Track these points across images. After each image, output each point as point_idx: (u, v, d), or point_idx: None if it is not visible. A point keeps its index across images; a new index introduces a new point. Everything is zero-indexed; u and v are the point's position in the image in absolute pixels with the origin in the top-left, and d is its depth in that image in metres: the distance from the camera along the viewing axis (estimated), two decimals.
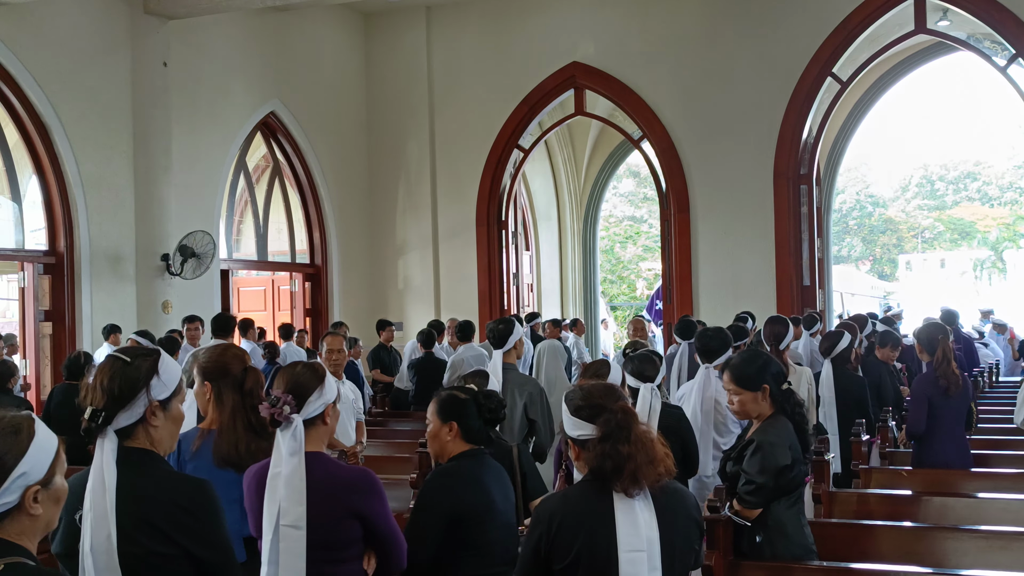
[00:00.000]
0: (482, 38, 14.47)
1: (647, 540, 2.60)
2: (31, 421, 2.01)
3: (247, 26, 12.97)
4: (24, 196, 10.82)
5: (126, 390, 2.47)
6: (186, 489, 2.47)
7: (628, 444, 2.63)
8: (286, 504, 2.82)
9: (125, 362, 2.51)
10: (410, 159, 14.88)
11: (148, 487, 2.44)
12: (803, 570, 3.83)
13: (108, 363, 2.52)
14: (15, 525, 1.96)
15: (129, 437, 2.49)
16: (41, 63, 10.43)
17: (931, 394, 5.96)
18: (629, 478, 2.61)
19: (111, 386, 2.47)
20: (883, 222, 50.50)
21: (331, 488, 2.92)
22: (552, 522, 2.68)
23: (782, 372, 3.90)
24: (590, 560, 2.63)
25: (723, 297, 13.13)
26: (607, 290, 32.77)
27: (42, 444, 1.99)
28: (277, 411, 2.87)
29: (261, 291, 14.28)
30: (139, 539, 2.39)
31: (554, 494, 2.87)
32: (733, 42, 13.19)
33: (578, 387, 2.87)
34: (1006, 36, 11.99)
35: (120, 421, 2.47)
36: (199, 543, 2.42)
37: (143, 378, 2.50)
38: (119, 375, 2.48)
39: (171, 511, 2.41)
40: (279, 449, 2.88)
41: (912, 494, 5.22)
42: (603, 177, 19.92)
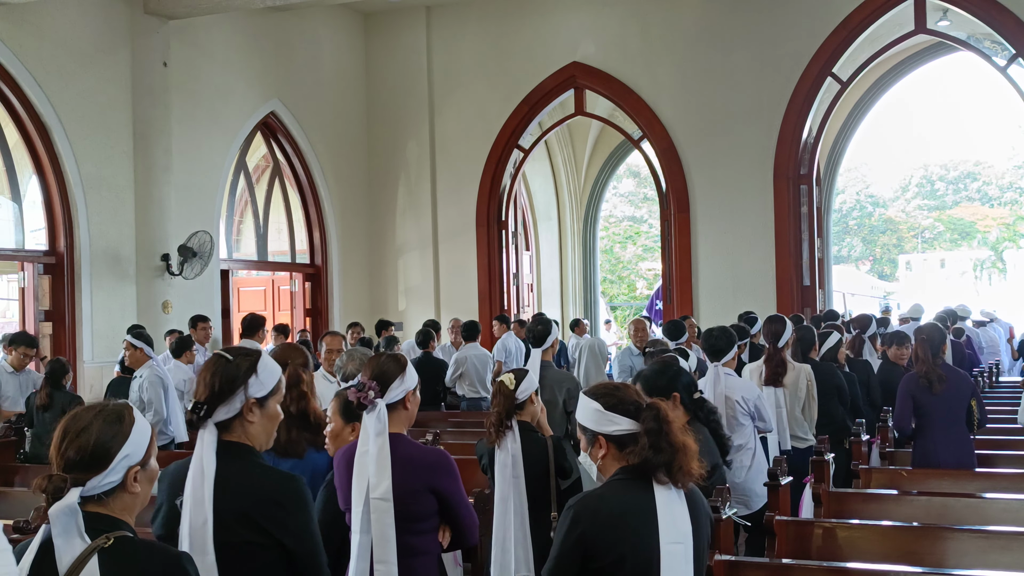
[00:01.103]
0: (482, 38, 14.47)
1: (683, 534, 2.63)
2: (130, 409, 2.25)
3: (247, 26, 12.97)
4: (24, 196, 10.82)
5: (225, 386, 2.65)
6: (278, 483, 2.63)
7: (673, 436, 2.66)
8: (375, 479, 3.08)
9: (227, 360, 2.69)
10: (410, 159, 14.88)
11: (243, 480, 2.60)
12: (803, 570, 3.84)
13: (212, 360, 2.71)
14: (119, 502, 2.20)
15: (227, 431, 2.66)
16: (41, 63, 10.43)
17: (914, 392, 5.97)
18: (678, 470, 2.64)
19: (212, 381, 2.65)
20: (883, 222, 50.50)
21: (411, 466, 3.18)
22: (595, 520, 2.64)
23: (693, 383, 3.92)
24: (635, 557, 2.62)
25: (723, 297, 13.13)
26: (607, 290, 32.78)
27: (140, 429, 2.23)
28: (363, 396, 3.14)
29: (261, 291, 14.28)
30: (234, 528, 2.55)
31: (590, 492, 2.80)
32: (733, 42, 13.19)
33: (601, 385, 2.86)
34: (1006, 36, 11.99)
35: (219, 415, 2.64)
36: (289, 534, 2.59)
37: (242, 376, 2.66)
38: (220, 372, 2.66)
39: (263, 504, 2.58)
40: (366, 430, 3.14)
41: (912, 494, 5.21)
42: (603, 177, 19.92)
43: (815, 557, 4.32)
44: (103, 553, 2.08)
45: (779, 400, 6.16)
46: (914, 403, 5.97)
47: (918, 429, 6.02)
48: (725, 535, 3.93)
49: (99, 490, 2.16)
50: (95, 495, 2.16)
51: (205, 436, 2.62)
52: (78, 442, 2.16)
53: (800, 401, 6.28)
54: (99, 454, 2.16)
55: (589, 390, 2.86)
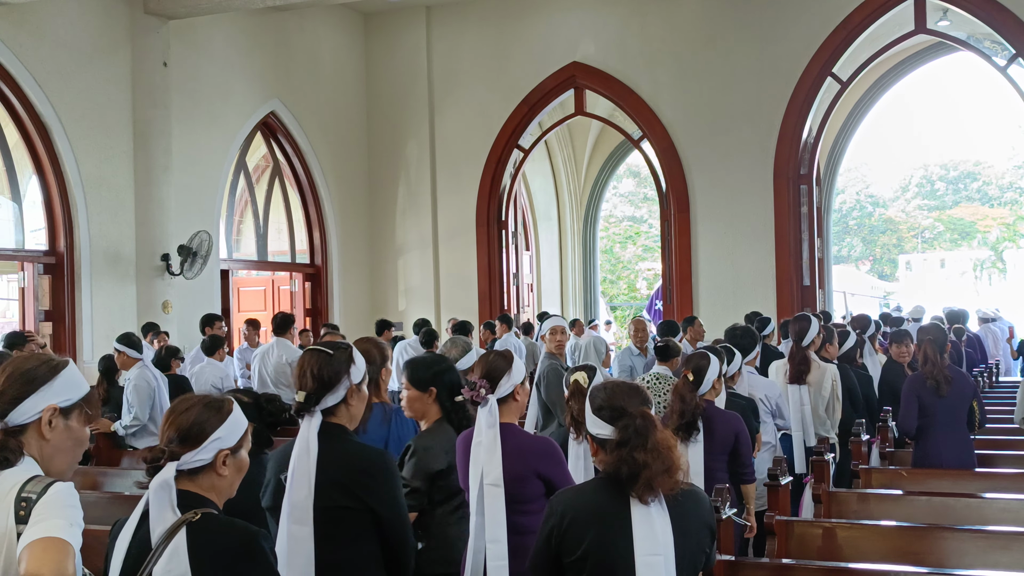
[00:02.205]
0: (482, 38, 14.47)
1: (663, 545, 2.61)
2: (232, 402, 2.51)
3: (247, 26, 12.97)
4: (24, 196, 10.82)
5: (333, 377, 3.01)
6: (369, 457, 3.03)
7: (645, 452, 2.63)
8: (487, 467, 3.37)
9: (329, 354, 3.04)
10: (410, 159, 14.88)
11: (340, 455, 2.97)
12: (803, 570, 3.83)
13: (315, 356, 3.03)
14: (206, 480, 2.42)
15: (332, 415, 3.02)
16: (41, 63, 10.43)
17: (920, 393, 5.96)
18: (644, 485, 2.61)
19: (320, 374, 2.99)
20: (883, 222, 50.48)
21: (521, 454, 3.48)
22: (564, 516, 2.70)
23: (458, 384, 3.80)
24: (598, 558, 2.65)
25: (723, 297, 13.13)
26: (607, 290, 32.78)
27: (236, 420, 2.47)
28: (475, 394, 3.46)
29: (261, 291, 14.28)
30: (331, 495, 2.93)
31: (570, 488, 2.88)
32: (733, 42, 13.19)
33: (602, 385, 2.86)
34: (1006, 36, 11.99)
35: (327, 402, 3.00)
36: (377, 501, 2.96)
37: (344, 367, 3.03)
38: (327, 365, 3.01)
39: (356, 474, 2.97)
40: (479, 423, 3.43)
41: (912, 494, 5.21)
42: (603, 177, 19.92)
43: (815, 557, 4.32)
44: (191, 526, 2.29)
45: (803, 398, 6.17)
46: (919, 404, 5.96)
47: (920, 430, 6.01)
48: (725, 535, 3.93)
49: (190, 465, 2.38)
50: (187, 471, 2.38)
51: (312, 421, 2.96)
52: (179, 420, 2.41)
53: (824, 400, 6.29)
54: (194, 432, 2.39)
55: (592, 389, 2.87)
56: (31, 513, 2.04)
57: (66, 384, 2.29)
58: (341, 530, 2.97)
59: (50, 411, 2.24)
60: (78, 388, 2.32)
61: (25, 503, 2.06)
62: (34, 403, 2.23)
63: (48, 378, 2.26)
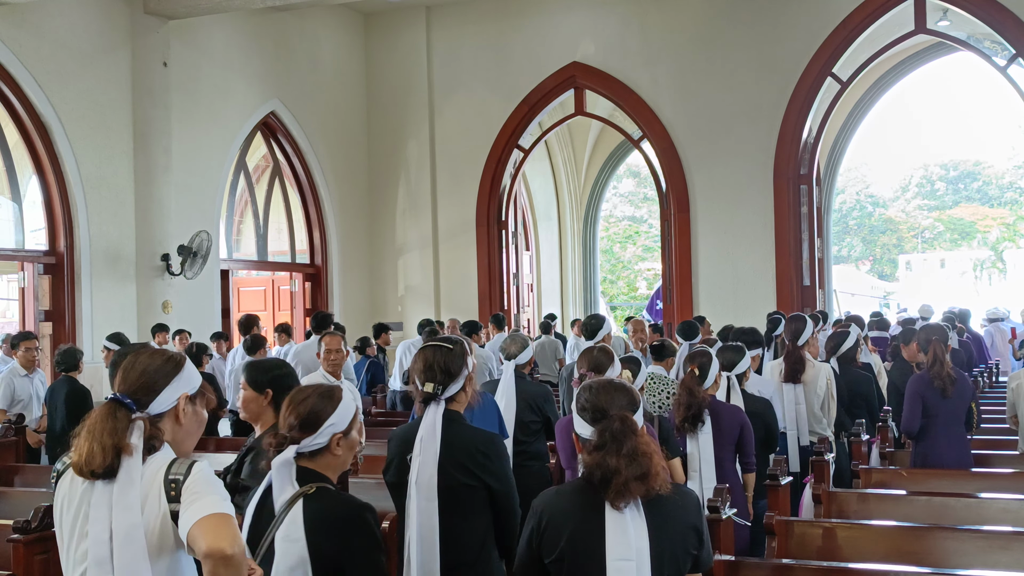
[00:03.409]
0: (482, 38, 14.47)
1: (636, 550, 2.59)
2: (341, 390, 2.85)
3: (247, 26, 12.98)
4: (24, 196, 10.82)
5: (456, 368, 3.40)
6: (484, 439, 3.40)
7: (618, 457, 2.60)
8: None
9: (451, 349, 3.43)
10: (410, 159, 14.89)
11: (461, 438, 3.34)
12: (803, 570, 3.83)
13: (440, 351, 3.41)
14: (323, 459, 2.77)
15: (453, 402, 3.40)
16: (41, 63, 10.43)
17: (925, 393, 5.95)
18: (615, 491, 2.59)
19: (448, 367, 3.38)
20: (883, 222, 50.48)
21: None
22: (542, 517, 2.71)
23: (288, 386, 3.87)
24: (572, 560, 2.65)
25: (723, 297, 13.14)
26: (607, 290, 32.79)
27: (347, 406, 2.81)
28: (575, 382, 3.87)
29: (261, 291, 14.29)
30: (452, 474, 3.29)
31: (552, 488, 2.88)
32: (733, 42, 13.19)
33: (588, 385, 2.84)
34: (1006, 36, 11.99)
35: (450, 391, 3.38)
36: (493, 478, 3.32)
37: (463, 359, 3.42)
38: (452, 358, 3.40)
39: (474, 454, 3.32)
40: None
41: (912, 494, 5.21)
42: (603, 177, 19.93)
43: (815, 557, 4.32)
44: (307, 499, 2.67)
45: (797, 396, 6.19)
46: (922, 404, 5.95)
47: (921, 430, 6.00)
48: (725, 535, 3.93)
49: (309, 448, 2.74)
50: (306, 453, 2.74)
51: (438, 409, 3.33)
52: (297, 410, 2.77)
53: (820, 399, 6.31)
54: (311, 420, 2.75)
55: (581, 386, 2.87)
56: (181, 492, 2.28)
57: (190, 375, 2.53)
58: (461, 504, 3.31)
59: (183, 399, 2.50)
60: (197, 377, 2.57)
61: (174, 484, 2.30)
62: (170, 393, 2.47)
63: (178, 370, 2.49)
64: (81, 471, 2.33)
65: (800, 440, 6.14)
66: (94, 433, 2.34)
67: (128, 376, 2.45)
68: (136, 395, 2.42)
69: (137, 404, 2.40)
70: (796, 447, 6.14)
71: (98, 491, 2.32)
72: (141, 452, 2.35)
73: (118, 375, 2.48)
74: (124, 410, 2.38)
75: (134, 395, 2.42)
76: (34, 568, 3.99)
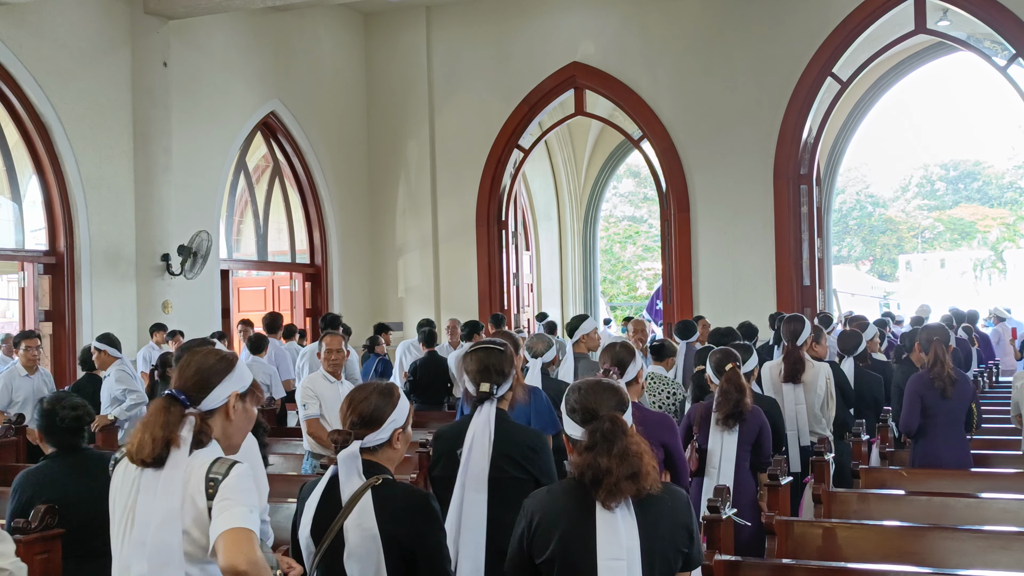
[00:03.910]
0: (482, 38, 14.47)
1: (627, 549, 2.60)
2: (398, 389, 3.01)
3: (247, 26, 12.98)
4: (24, 196, 10.82)
5: (508, 369, 3.66)
6: (533, 435, 3.65)
7: (609, 457, 2.61)
8: None
9: (502, 351, 3.68)
10: (410, 159, 14.88)
11: (510, 433, 3.58)
12: (803, 570, 3.84)
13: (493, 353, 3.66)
14: (385, 454, 2.94)
15: (502, 400, 3.65)
16: (41, 63, 10.43)
17: (924, 393, 5.95)
18: (606, 491, 2.60)
19: (502, 368, 3.64)
20: (883, 222, 50.48)
21: (646, 426, 3.97)
22: (533, 517, 2.72)
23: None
24: (563, 560, 2.66)
25: (723, 297, 13.13)
26: (607, 290, 32.79)
27: (404, 403, 2.98)
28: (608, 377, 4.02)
29: (261, 291, 14.28)
30: (503, 467, 3.51)
31: (543, 488, 2.89)
32: (733, 42, 13.19)
33: (577, 385, 2.84)
34: (1006, 36, 11.99)
35: (502, 390, 3.64)
36: (539, 471, 3.55)
37: (512, 360, 3.69)
38: (504, 359, 3.66)
39: (524, 449, 3.56)
40: None
41: (912, 494, 5.21)
42: (603, 177, 19.92)
43: (815, 557, 4.32)
44: (374, 489, 2.83)
45: (797, 397, 6.20)
46: (921, 404, 5.95)
47: (920, 430, 6.01)
48: (725, 535, 3.93)
49: (372, 443, 2.91)
50: (369, 447, 2.91)
51: (491, 406, 3.56)
52: (360, 408, 2.92)
53: (819, 399, 6.32)
54: (374, 417, 2.92)
55: (569, 388, 2.88)
56: (217, 492, 2.45)
57: (241, 373, 2.68)
58: (508, 496, 3.45)
59: (234, 396, 2.65)
60: (248, 376, 2.71)
61: (213, 483, 2.47)
62: (222, 391, 2.63)
63: (230, 369, 2.64)
64: (133, 459, 2.53)
65: (800, 441, 6.15)
66: (148, 425, 2.53)
67: (184, 373, 2.62)
68: (190, 392, 2.59)
69: (190, 400, 2.58)
70: (796, 447, 6.15)
71: (146, 478, 2.51)
72: (189, 445, 2.52)
73: (175, 372, 2.66)
74: (178, 405, 2.56)
75: (188, 391, 2.59)
76: (34, 568, 3.99)
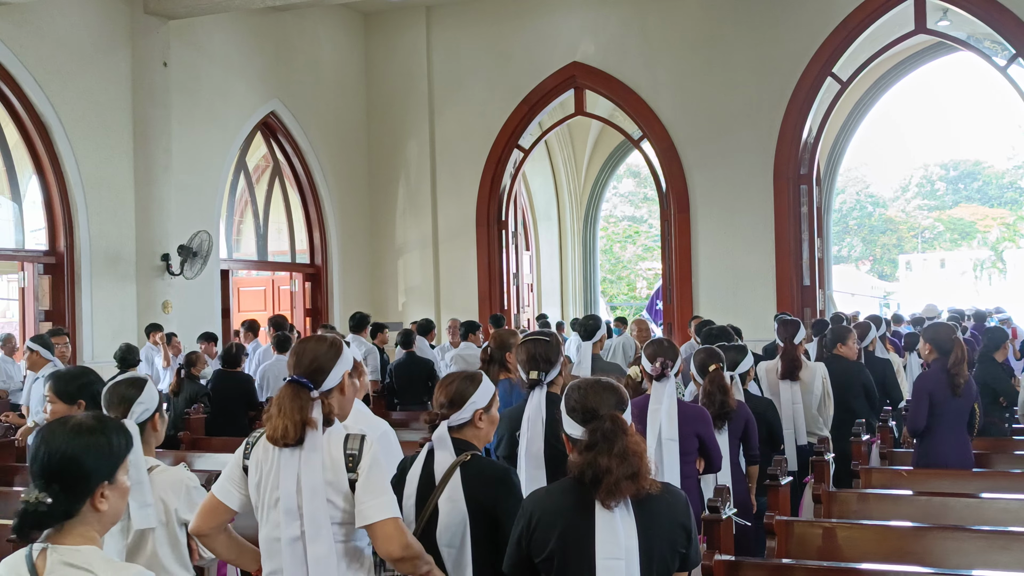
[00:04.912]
0: (482, 38, 14.47)
1: (625, 549, 2.61)
2: (483, 376, 3.34)
3: (247, 26, 12.98)
4: (24, 196, 10.82)
5: (555, 357, 4.00)
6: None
7: (609, 457, 2.62)
8: (666, 426, 4.37)
9: (548, 341, 4.04)
10: (410, 159, 14.89)
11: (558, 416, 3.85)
12: (803, 570, 3.83)
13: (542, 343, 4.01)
14: (469, 431, 3.26)
15: (552, 385, 3.97)
16: (41, 63, 10.43)
17: (933, 391, 5.92)
18: (605, 490, 2.61)
19: (549, 357, 3.98)
20: (883, 222, 50.50)
21: (684, 417, 4.44)
22: (532, 516, 2.73)
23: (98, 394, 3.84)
24: (562, 559, 2.67)
25: (723, 297, 13.13)
26: (607, 290, 32.80)
27: (487, 387, 3.30)
28: (658, 370, 4.43)
29: (261, 291, 14.28)
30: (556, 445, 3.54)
31: (542, 488, 2.92)
32: (733, 42, 13.19)
33: (577, 385, 2.84)
34: (1006, 36, 11.99)
35: (550, 376, 3.97)
36: None
37: (559, 348, 4.03)
38: (551, 349, 4.01)
39: None
40: (658, 392, 4.45)
41: (912, 494, 5.21)
42: (603, 177, 19.93)
43: (815, 557, 4.32)
44: (463, 465, 3.14)
45: (794, 396, 6.21)
46: (929, 402, 5.93)
47: (927, 429, 5.99)
48: (725, 535, 3.93)
49: (457, 422, 3.22)
50: (455, 426, 3.22)
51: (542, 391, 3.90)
52: (447, 391, 3.26)
53: (816, 399, 6.33)
54: (458, 399, 3.24)
55: (569, 387, 2.87)
56: (357, 467, 2.84)
57: (348, 355, 3.03)
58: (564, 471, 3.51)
59: (346, 375, 3.02)
60: (351, 357, 3.05)
61: (352, 458, 2.85)
62: (337, 372, 2.98)
63: (340, 353, 2.99)
64: (276, 442, 2.85)
65: (797, 440, 6.15)
66: (284, 411, 2.85)
67: (301, 361, 2.95)
68: (310, 376, 2.91)
69: (312, 383, 2.90)
70: (793, 446, 6.16)
71: (286, 456, 2.86)
72: (322, 425, 2.88)
73: (291, 360, 2.98)
74: (304, 389, 2.88)
75: (309, 376, 2.91)
76: None
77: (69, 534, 2.12)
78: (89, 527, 2.14)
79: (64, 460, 2.11)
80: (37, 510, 2.06)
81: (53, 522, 2.09)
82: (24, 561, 2.11)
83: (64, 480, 2.10)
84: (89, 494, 2.12)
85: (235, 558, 3.10)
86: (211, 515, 2.99)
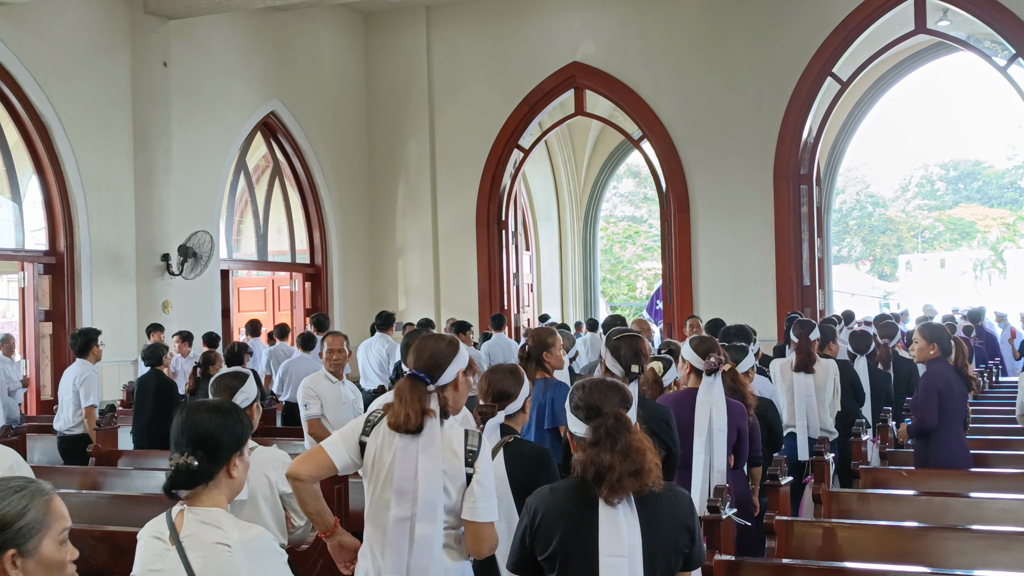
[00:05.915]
0: (482, 38, 14.47)
1: (628, 547, 2.61)
2: (520, 368, 3.79)
3: (247, 26, 12.98)
4: (24, 196, 10.82)
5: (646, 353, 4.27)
6: (664, 411, 4.27)
7: (612, 454, 2.62)
8: (716, 418, 4.56)
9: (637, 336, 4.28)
10: (410, 159, 14.88)
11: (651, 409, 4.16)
12: (803, 570, 3.83)
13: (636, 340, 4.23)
14: (517, 419, 3.67)
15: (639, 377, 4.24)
16: (41, 63, 10.43)
17: (942, 389, 5.91)
18: (608, 487, 2.61)
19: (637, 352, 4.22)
20: (883, 222, 50.48)
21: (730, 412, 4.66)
22: (536, 514, 2.73)
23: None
24: (565, 556, 2.67)
25: (723, 297, 13.14)
26: (607, 290, 32.79)
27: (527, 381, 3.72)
28: (716, 365, 4.63)
29: (261, 291, 14.28)
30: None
31: (546, 486, 2.89)
32: (733, 42, 13.19)
33: (581, 383, 2.85)
34: (1006, 36, 11.99)
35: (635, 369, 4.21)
36: (672, 440, 4.16)
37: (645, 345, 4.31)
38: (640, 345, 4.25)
39: (660, 424, 4.08)
40: (708, 385, 4.61)
41: (912, 494, 5.21)
42: (603, 177, 19.93)
43: (815, 557, 4.32)
44: (506, 447, 3.55)
45: (808, 388, 6.22)
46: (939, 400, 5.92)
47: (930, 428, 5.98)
48: (725, 535, 3.93)
49: (508, 412, 3.63)
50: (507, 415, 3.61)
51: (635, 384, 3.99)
52: (497, 386, 3.66)
53: (828, 395, 6.36)
54: (507, 392, 3.65)
55: (574, 386, 2.88)
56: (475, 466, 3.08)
57: (463, 354, 3.21)
58: None
59: (460, 373, 3.21)
60: (467, 355, 3.23)
61: (471, 454, 3.10)
62: (453, 369, 3.18)
63: (456, 351, 3.18)
64: (397, 428, 3.08)
65: (810, 433, 6.17)
66: (405, 400, 3.09)
67: (420, 356, 3.16)
68: (428, 371, 3.13)
69: (430, 378, 3.12)
70: (806, 437, 6.18)
71: (404, 441, 3.09)
72: (439, 416, 3.11)
73: (411, 355, 3.20)
74: (421, 383, 3.11)
75: (427, 371, 3.13)
76: None
77: (202, 498, 2.55)
78: (220, 492, 2.57)
79: (206, 433, 2.55)
80: (188, 469, 2.51)
81: (199, 480, 2.53)
82: (165, 519, 2.54)
83: (207, 448, 2.54)
84: (225, 462, 2.57)
85: (315, 513, 3.24)
86: (313, 464, 3.16)
